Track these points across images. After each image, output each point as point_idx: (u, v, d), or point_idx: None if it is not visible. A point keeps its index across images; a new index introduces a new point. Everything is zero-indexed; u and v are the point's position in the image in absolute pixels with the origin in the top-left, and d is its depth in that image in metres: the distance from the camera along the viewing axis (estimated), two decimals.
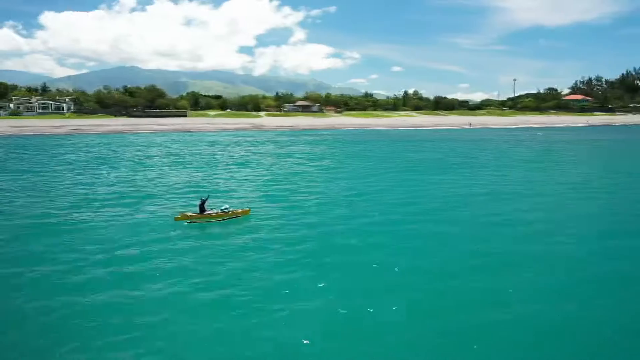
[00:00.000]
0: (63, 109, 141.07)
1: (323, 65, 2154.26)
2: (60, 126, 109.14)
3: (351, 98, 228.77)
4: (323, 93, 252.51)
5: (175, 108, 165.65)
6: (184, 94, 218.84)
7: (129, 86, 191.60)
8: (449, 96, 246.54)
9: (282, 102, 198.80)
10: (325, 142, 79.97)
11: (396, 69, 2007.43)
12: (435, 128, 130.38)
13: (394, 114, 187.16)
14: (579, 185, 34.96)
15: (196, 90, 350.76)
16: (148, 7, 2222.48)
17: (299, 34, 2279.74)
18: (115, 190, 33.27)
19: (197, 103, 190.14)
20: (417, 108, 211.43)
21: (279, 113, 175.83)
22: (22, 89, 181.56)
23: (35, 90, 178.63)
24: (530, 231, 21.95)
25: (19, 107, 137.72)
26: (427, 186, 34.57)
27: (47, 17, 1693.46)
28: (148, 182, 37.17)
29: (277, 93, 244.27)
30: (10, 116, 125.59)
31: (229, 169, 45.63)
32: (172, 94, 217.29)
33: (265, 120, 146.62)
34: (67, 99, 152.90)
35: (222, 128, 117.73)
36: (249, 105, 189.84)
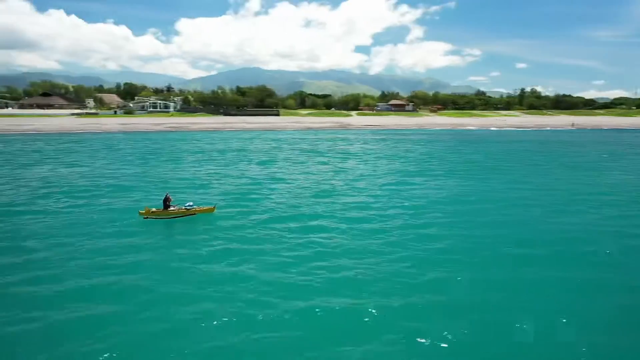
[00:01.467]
0: (170, 108, 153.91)
1: (441, 63, 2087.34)
2: (160, 123, 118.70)
3: (462, 97, 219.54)
4: (440, 91, 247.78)
5: (284, 107, 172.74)
6: (292, 93, 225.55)
7: (241, 86, 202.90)
8: (579, 94, 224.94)
9: (386, 101, 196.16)
10: (384, 142, 76.88)
11: (520, 65, 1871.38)
12: (535, 129, 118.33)
13: (496, 113, 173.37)
14: (579, 192, 31.78)
15: (312, 90, 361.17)
16: (271, 11, 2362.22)
17: (416, 32, 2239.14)
18: (112, 183, 34.83)
19: (304, 102, 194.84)
20: (532, 107, 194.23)
21: (370, 112, 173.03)
22: (150, 90, 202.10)
23: (162, 91, 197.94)
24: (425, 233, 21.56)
25: (135, 106, 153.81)
26: (412, 188, 33.57)
27: (183, 24, 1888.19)
28: (155, 175, 38.42)
29: (382, 92, 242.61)
30: (124, 114, 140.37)
31: (247, 167, 45.36)
32: (289, 94, 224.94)
33: (354, 119, 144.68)
34: (176, 99, 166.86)
35: (306, 127, 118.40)
36: (350, 103, 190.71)
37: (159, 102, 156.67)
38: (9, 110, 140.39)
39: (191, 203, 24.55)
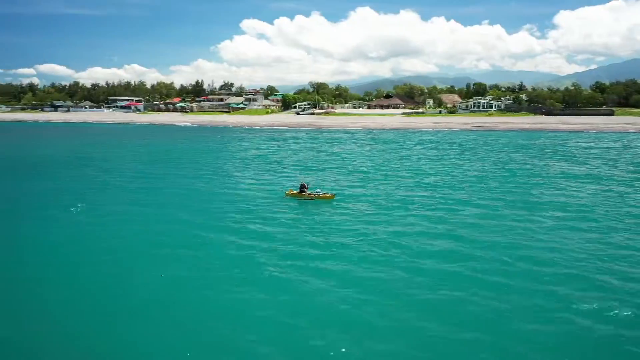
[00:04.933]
0: (491, 107, 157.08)
1: None
2: (468, 123, 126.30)
3: None
4: None
5: None
6: None
7: (603, 82, 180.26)
8: None
9: None
10: None
11: None
12: None
13: None
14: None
15: None
16: None
17: None
18: (294, 165, 48.68)
19: None
20: None
21: None
22: (500, 89, 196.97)
23: (513, 90, 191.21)
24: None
25: (461, 106, 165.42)
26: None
27: (562, 17, 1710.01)
28: (325, 166, 49.01)
29: None
30: (446, 114, 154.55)
31: (410, 164, 51.07)
32: None
33: None
34: (502, 98, 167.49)
35: (623, 129, 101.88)
36: None
37: (480, 101, 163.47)
38: (356, 110, 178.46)
39: (319, 190, 31.45)
